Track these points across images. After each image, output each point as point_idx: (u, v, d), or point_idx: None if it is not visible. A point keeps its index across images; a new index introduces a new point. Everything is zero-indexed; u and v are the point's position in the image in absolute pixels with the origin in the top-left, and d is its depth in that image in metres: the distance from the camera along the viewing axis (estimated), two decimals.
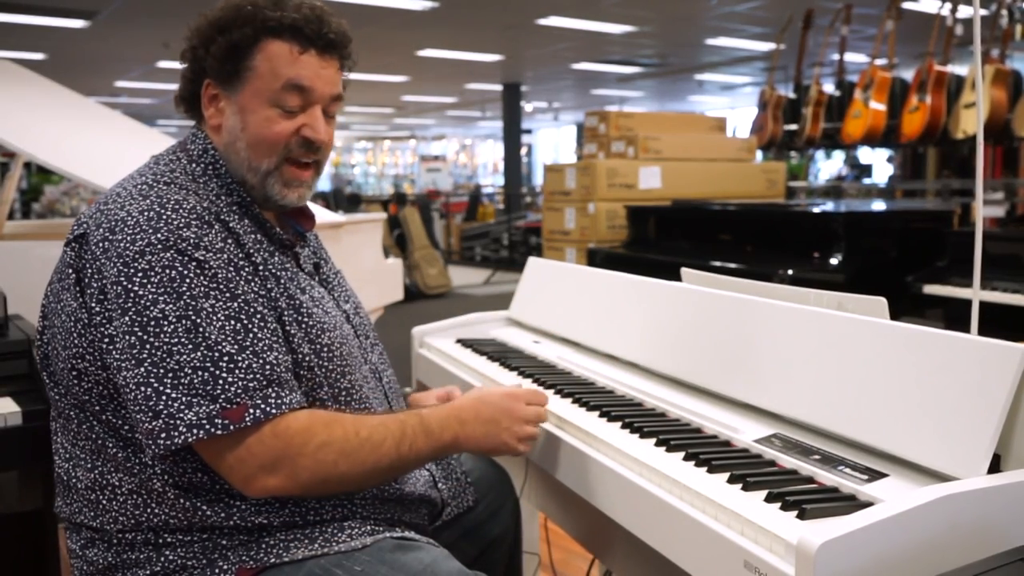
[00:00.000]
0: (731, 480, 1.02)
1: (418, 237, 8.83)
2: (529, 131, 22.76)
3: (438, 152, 23.60)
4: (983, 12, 2.30)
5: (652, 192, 4.76)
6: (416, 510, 1.25)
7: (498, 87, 14.58)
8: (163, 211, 1.07)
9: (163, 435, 1.00)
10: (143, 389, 1.01)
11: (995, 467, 0.94)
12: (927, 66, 5.36)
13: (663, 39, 10.48)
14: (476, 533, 1.41)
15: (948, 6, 5.47)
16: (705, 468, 1.06)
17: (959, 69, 5.66)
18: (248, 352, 1.04)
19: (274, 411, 1.03)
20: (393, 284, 3.96)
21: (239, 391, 1.02)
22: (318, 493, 1.10)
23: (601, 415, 1.31)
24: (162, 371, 1.01)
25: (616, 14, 8.77)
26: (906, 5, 7.22)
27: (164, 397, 1.00)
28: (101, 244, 1.07)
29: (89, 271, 1.07)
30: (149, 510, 1.08)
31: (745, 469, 1.05)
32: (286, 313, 1.13)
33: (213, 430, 1.00)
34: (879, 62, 5.72)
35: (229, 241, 1.11)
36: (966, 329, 1.24)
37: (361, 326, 1.32)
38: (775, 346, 1.25)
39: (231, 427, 1.00)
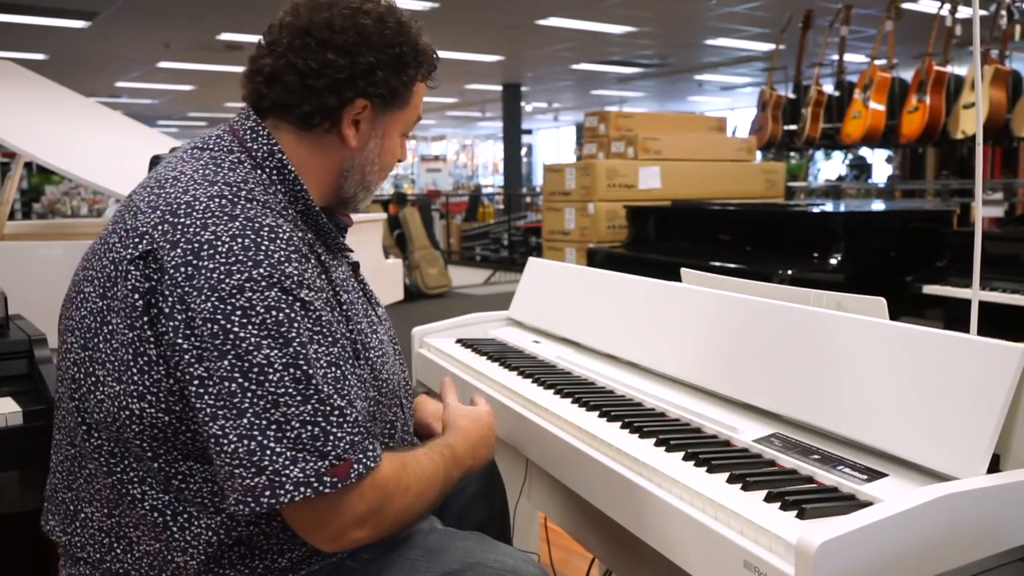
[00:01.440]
0: (731, 480, 1.02)
1: (418, 237, 8.83)
2: (529, 131, 22.76)
3: (438, 152, 23.59)
4: (982, 12, 2.30)
5: (652, 192, 4.76)
6: None
7: (498, 87, 14.58)
8: (259, 239, 0.97)
9: (267, 493, 0.91)
10: (245, 443, 0.92)
11: (994, 467, 0.95)
12: (926, 66, 5.37)
13: (663, 39, 10.49)
14: (464, 516, 1.41)
15: (947, 6, 5.47)
16: (705, 468, 1.06)
17: (958, 69, 5.67)
18: (350, 402, 0.98)
19: (372, 464, 0.98)
20: (393, 284, 3.96)
21: (347, 446, 0.95)
22: (388, 535, 1.06)
23: (601, 415, 1.31)
24: (265, 423, 0.92)
25: (616, 14, 8.77)
26: (905, 5, 7.23)
27: (269, 452, 0.92)
28: (184, 269, 0.94)
29: (169, 300, 0.95)
30: (166, 572, 1.03)
31: (745, 469, 1.05)
32: (361, 354, 1.09)
33: (321, 488, 0.93)
34: (878, 62, 5.72)
35: (323, 277, 1.05)
36: (965, 329, 1.24)
37: (388, 330, 1.28)
38: (775, 346, 1.25)
39: (338, 484, 0.94)
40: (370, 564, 1.09)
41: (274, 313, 0.94)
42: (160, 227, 0.98)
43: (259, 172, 1.08)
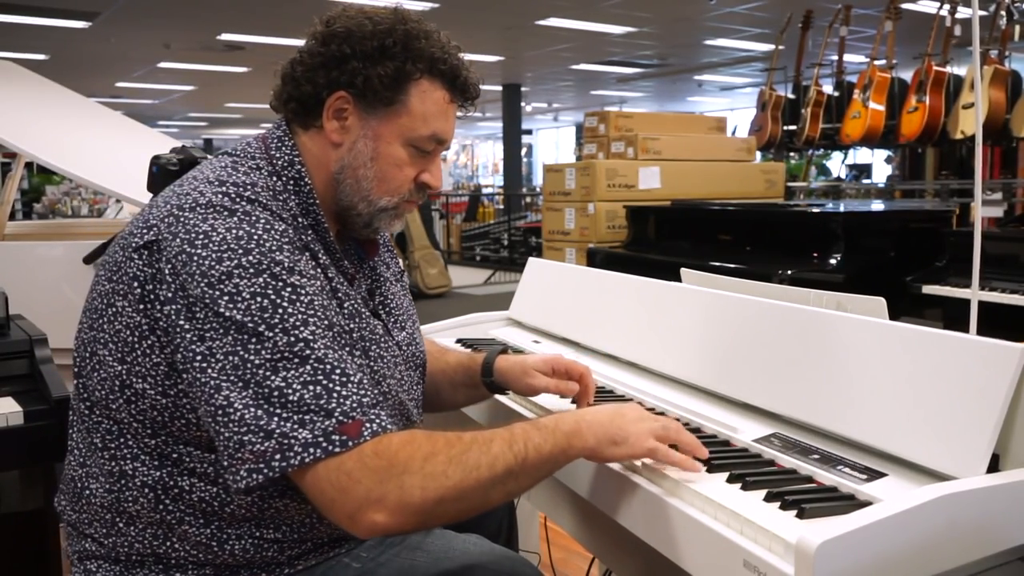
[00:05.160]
0: (730, 479, 1.02)
1: (418, 237, 8.83)
2: (529, 131, 22.76)
3: None
4: (982, 13, 2.31)
5: (652, 192, 4.76)
6: None
7: (498, 87, 14.58)
8: (253, 231, 0.99)
9: (277, 456, 0.91)
10: (252, 410, 0.92)
11: (994, 467, 0.95)
12: (926, 66, 5.37)
13: (663, 40, 10.49)
14: (470, 526, 1.41)
15: (947, 7, 5.47)
16: (704, 468, 1.07)
17: (958, 69, 5.66)
18: (353, 370, 0.98)
19: (388, 427, 0.95)
20: None
21: (355, 404, 0.94)
22: (433, 520, 0.96)
23: None
24: (267, 390, 0.93)
25: (616, 15, 8.77)
26: (905, 5, 7.23)
27: (276, 417, 0.92)
28: (180, 257, 0.98)
29: (166, 285, 0.98)
30: (168, 543, 1.05)
31: (744, 468, 1.05)
32: (360, 349, 1.10)
33: (331, 447, 0.91)
34: (878, 62, 5.72)
35: (318, 270, 1.06)
36: (965, 329, 1.25)
37: (410, 359, 1.27)
38: (774, 346, 1.26)
39: (349, 443, 0.92)
40: (368, 562, 1.09)
41: (259, 299, 0.96)
42: (167, 219, 1.02)
43: (275, 179, 1.10)
